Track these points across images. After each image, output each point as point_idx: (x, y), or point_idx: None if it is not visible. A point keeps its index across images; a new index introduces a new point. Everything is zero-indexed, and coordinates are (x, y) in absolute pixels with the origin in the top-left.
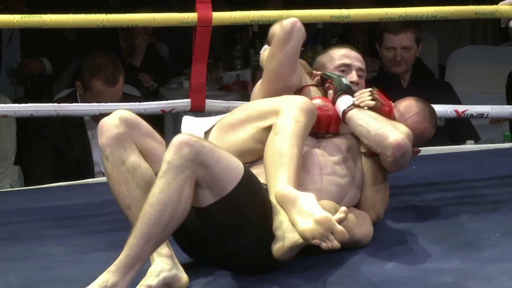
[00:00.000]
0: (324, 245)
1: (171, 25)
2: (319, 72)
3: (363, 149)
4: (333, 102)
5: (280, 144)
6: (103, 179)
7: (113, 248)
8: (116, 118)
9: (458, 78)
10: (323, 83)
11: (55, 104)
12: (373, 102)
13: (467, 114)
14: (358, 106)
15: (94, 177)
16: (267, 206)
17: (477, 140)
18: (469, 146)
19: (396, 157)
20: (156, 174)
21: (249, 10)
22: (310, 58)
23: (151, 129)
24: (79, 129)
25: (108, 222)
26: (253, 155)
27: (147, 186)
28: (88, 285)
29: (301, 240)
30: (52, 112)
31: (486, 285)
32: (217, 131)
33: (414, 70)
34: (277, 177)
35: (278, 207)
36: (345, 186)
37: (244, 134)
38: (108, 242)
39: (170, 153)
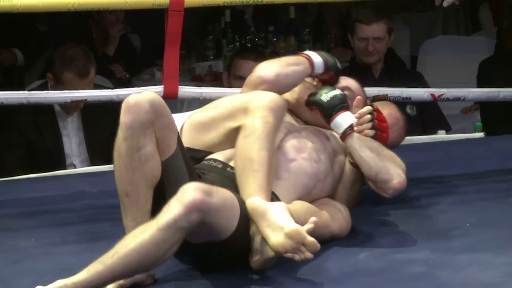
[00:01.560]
0: (297, 257)
1: (143, 8)
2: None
3: (351, 158)
4: (328, 124)
5: (249, 149)
6: (74, 170)
7: (84, 241)
8: (147, 102)
9: (429, 68)
10: (311, 108)
11: (26, 92)
12: (372, 132)
13: (444, 98)
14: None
15: (65, 169)
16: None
17: (448, 130)
18: (440, 136)
19: (394, 196)
20: (162, 164)
21: None
22: (282, 49)
23: (172, 120)
24: (50, 121)
25: (79, 214)
26: (218, 147)
27: (152, 180)
28: (59, 277)
29: (273, 254)
30: (22, 100)
31: (457, 275)
32: (190, 129)
33: (386, 60)
34: (248, 186)
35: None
36: (319, 173)
37: (216, 134)
38: (79, 234)
39: (178, 213)
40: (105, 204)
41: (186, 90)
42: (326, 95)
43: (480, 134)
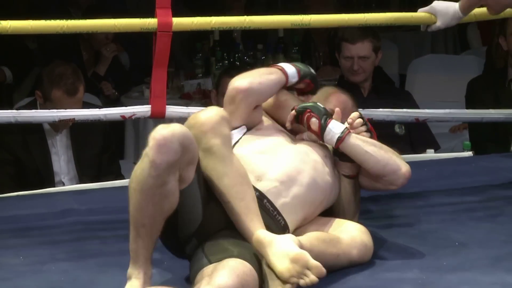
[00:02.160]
0: (302, 282)
1: (131, 31)
2: (293, 111)
3: (344, 171)
4: (320, 129)
5: (212, 178)
6: (62, 188)
7: (73, 259)
8: (177, 142)
9: (418, 87)
10: (300, 117)
11: (14, 111)
12: (368, 134)
13: (428, 120)
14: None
15: (54, 187)
16: None
17: (437, 148)
18: (429, 155)
19: (403, 185)
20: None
21: (211, 16)
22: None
23: (196, 151)
24: (39, 139)
25: (68, 232)
26: None
27: (169, 212)
28: None
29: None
30: (11, 119)
31: None
32: None
33: (374, 78)
34: (247, 225)
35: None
36: (326, 187)
37: None
38: (68, 252)
39: None
40: (93, 221)
41: (174, 110)
42: (317, 103)
43: (469, 153)
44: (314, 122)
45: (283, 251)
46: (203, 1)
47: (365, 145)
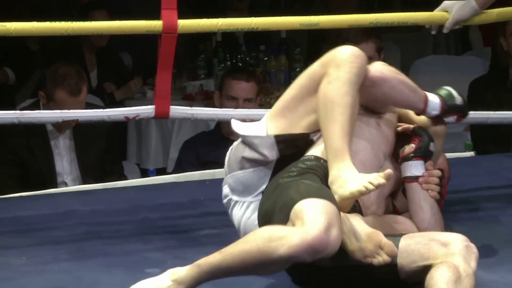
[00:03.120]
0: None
1: (137, 33)
2: (411, 126)
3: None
4: (406, 156)
5: (333, 93)
6: (65, 189)
7: (76, 259)
8: (327, 250)
9: (420, 87)
10: (411, 135)
11: (17, 111)
12: (438, 197)
13: None
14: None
15: (57, 187)
16: None
17: None
18: None
19: None
20: None
21: (211, 17)
22: (273, 68)
23: None
24: (42, 139)
25: (71, 232)
26: (317, 124)
27: None
28: None
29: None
30: (14, 120)
31: None
32: (275, 121)
33: None
34: (331, 134)
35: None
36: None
37: (305, 106)
38: (71, 253)
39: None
40: (96, 222)
41: (177, 111)
42: (431, 142)
43: (471, 154)
44: (411, 147)
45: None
46: (205, 2)
47: (425, 201)
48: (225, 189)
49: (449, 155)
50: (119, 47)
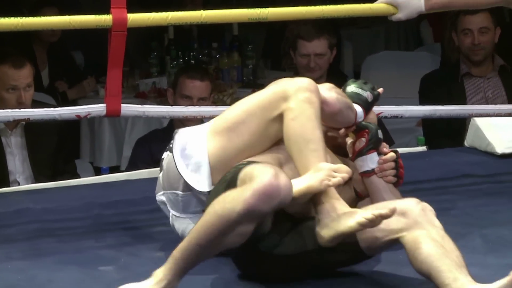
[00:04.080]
0: (333, 180)
1: (86, 28)
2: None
3: (358, 187)
4: (359, 151)
5: (302, 129)
6: (18, 188)
7: (29, 257)
8: (279, 198)
9: (372, 83)
10: (356, 131)
11: None
12: (394, 180)
13: (382, 116)
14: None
15: (9, 186)
16: None
17: (391, 144)
18: None
19: None
20: None
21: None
22: (226, 65)
23: None
24: None
25: (23, 231)
26: (263, 150)
27: (223, 248)
28: None
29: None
30: None
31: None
32: (217, 139)
33: (329, 75)
34: (308, 166)
35: None
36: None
37: (250, 135)
38: (24, 251)
39: None
40: (49, 220)
41: (129, 109)
42: (378, 131)
43: (423, 148)
44: (362, 141)
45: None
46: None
47: (385, 192)
48: (162, 198)
49: (401, 150)
50: (71, 45)
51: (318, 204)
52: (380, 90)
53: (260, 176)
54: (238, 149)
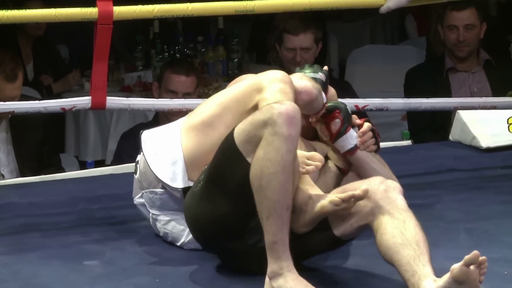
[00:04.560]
0: (306, 168)
1: (72, 21)
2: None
3: (339, 163)
4: (337, 133)
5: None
6: (2, 182)
7: (14, 252)
8: (299, 113)
9: (357, 77)
10: (327, 113)
11: None
12: (375, 148)
13: (368, 109)
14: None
15: None
16: None
17: None
18: None
19: None
20: None
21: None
22: (211, 59)
23: None
24: None
25: (8, 225)
26: None
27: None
28: None
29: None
30: None
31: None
32: (192, 135)
33: None
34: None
35: None
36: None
37: (226, 128)
38: (8, 246)
39: None
40: (34, 214)
41: (114, 101)
42: (347, 107)
43: (408, 142)
44: (337, 123)
45: None
46: None
47: (373, 162)
48: (140, 200)
49: (386, 143)
50: (56, 39)
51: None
52: (325, 67)
53: (272, 111)
54: (214, 142)
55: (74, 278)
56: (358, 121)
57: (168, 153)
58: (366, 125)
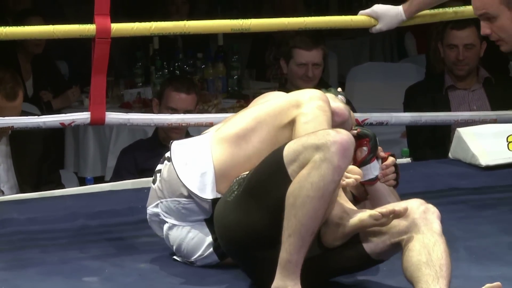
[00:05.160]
0: (347, 180)
1: (70, 37)
2: (357, 129)
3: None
4: (362, 161)
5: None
6: (2, 198)
7: (13, 267)
8: (352, 146)
9: (357, 94)
10: (356, 139)
11: None
12: (394, 183)
13: (368, 122)
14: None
15: None
16: None
17: None
18: None
19: None
20: None
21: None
22: (211, 76)
23: None
24: None
25: (8, 241)
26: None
27: None
28: None
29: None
30: None
31: None
32: (224, 147)
33: (315, 86)
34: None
35: None
36: None
37: (260, 142)
38: (8, 261)
39: None
40: (34, 230)
41: (113, 117)
42: (376, 138)
43: (407, 160)
44: (364, 151)
45: None
46: (143, 10)
47: (389, 196)
48: (155, 210)
49: None
50: (56, 55)
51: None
52: (339, 89)
53: (328, 138)
54: (247, 156)
55: None
56: (383, 153)
57: (198, 164)
58: (391, 159)
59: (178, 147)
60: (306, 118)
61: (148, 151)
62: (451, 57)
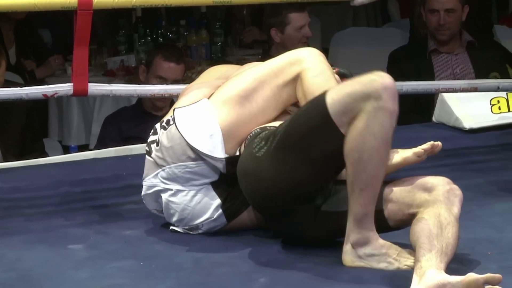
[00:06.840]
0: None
1: (51, 9)
2: (335, 69)
3: None
4: None
5: (324, 87)
6: None
7: None
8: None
9: (341, 60)
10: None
11: None
12: None
13: None
14: None
15: None
16: None
17: None
18: None
19: None
20: None
21: None
22: (194, 43)
23: None
24: None
25: None
26: (274, 115)
27: None
28: None
29: None
30: None
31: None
32: (228, 108)
33: None
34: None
35: None
36: None
37: (264, 100)
38: None
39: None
40: (18, 199)
41: (96, 88)
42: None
43: None
44: None
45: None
46: None
47: None
48: (153, 180)
49: None
50: (38, 24)
51: None
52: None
53: (375, 85)
54: (252, 114)
55: (58, 262)
56: None
57: (205, 127)
58: None
59: (181, 114)
60: (313, 72)
61: (132, 119)
62: (432, 22)
